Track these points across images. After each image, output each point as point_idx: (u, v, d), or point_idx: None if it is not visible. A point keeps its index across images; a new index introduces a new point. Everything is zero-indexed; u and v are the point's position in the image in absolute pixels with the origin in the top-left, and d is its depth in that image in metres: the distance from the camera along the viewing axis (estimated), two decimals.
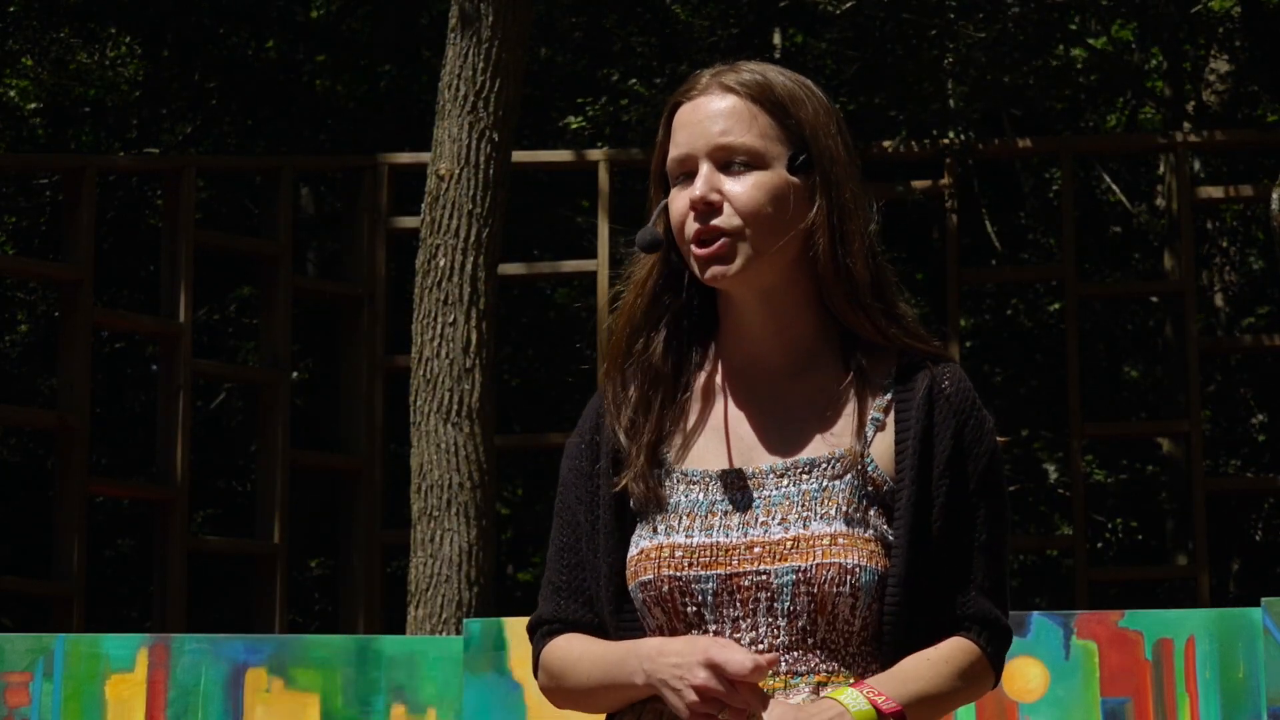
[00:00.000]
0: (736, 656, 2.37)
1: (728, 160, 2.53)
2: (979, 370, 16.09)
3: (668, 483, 2.55)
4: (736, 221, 2.51)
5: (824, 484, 2.50)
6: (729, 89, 2.56)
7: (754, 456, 2.54)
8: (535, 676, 2.62)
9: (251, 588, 11.10)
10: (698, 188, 2.52)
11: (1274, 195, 11.84)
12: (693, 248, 2.53)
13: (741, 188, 2.52)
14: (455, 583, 7.99)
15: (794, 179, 2.54)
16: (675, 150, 2.57)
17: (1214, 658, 5.29)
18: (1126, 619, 5.37)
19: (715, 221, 2.52)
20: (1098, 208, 16.55)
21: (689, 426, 2.58)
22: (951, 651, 2.49)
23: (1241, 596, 14.51)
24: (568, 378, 15.09)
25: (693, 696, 2.38)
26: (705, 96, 2.57)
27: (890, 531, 2.50)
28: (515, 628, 5.42)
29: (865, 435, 2.53)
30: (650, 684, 2.43)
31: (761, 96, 2.56)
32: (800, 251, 2.54)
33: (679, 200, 2.55)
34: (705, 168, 2.53)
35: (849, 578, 2.45)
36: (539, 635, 2.61)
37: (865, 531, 2.48)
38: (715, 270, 2.52)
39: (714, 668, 2.37)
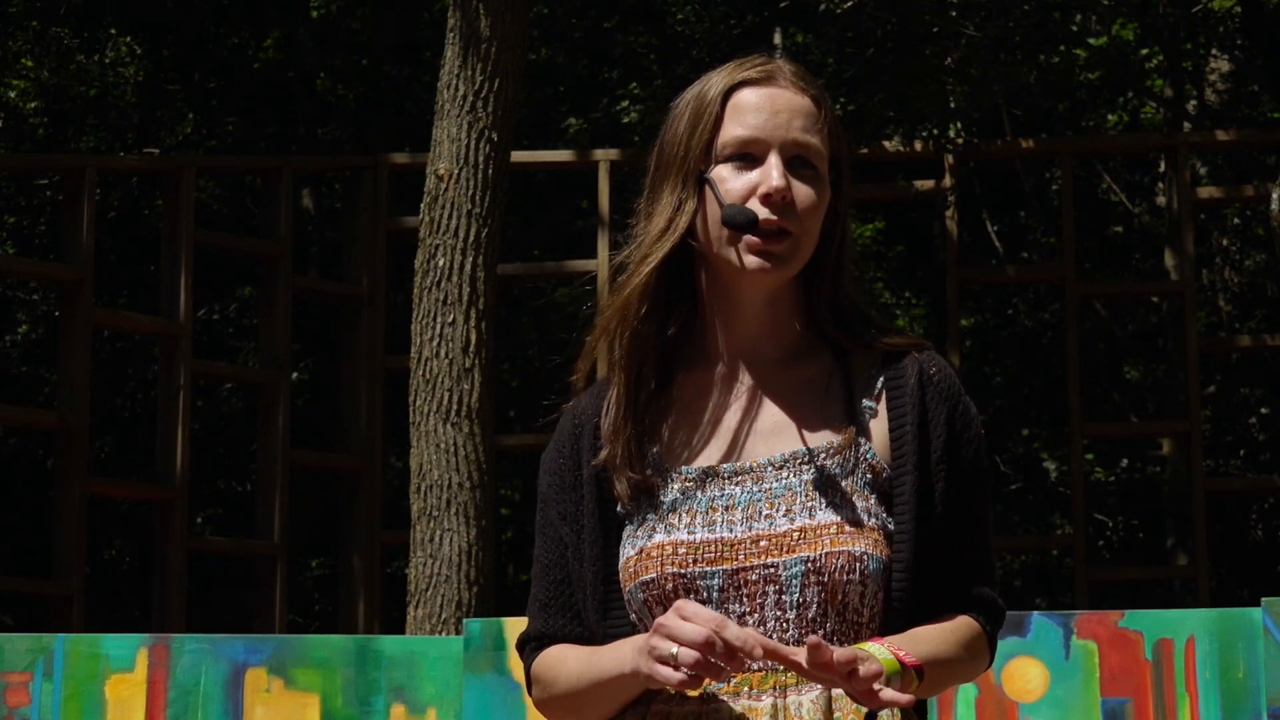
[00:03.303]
0: (706, 610, 2.33)
1: (794, 157, 2.49)
2: (979, 370, 16.09)
3: (660, 482, 2.52)
4: (798, 224, 2.49)
5: (824, 474, 2.48)
6: (802, 89, 2.52)
7: (751, 450, 2.52)
8: (529, 693, 2.59)
9: (251, 588, 11.10)
10: (776, 179, 2.47)
11: (1274, 195, 11.83)
12: (750, 235, 2.47)
13: (805, 193, 2.49)
14: (455, 583, 7.99)
15: (828, 188, 2.53)
16: (743, 130, 2.49)
17: (1214, 658, 5.28)
18: (1126, 619, 5.36)
19: (786, 221, 2.48)
20: (1098, 208, 16.55)
21: (681, 424, 2.56)
22: (958, 624, 2.49)
23: (1242, 596, 14.50)
24: (568, 378, 15.07)
25: (657, 642, 2.34)
26: (779, 88, 2.52)
27: (890, 519, 2.49)
28: (515, 628, 5.41)
29: (861, 423, 2.52)
30: (636, 666, 2.39)
31: (824, 102, 2.54)
32: (811, 256, 2.54)
33: (739, 181, 2.49)
34: (776, 159, 2.48)
35: (858, 565, 2.44)
36: (528, 651, 2.60)
37: (869, 520, 2.47)
38: (771, 270, 2.49)
39: (679, 610, 2.34)
